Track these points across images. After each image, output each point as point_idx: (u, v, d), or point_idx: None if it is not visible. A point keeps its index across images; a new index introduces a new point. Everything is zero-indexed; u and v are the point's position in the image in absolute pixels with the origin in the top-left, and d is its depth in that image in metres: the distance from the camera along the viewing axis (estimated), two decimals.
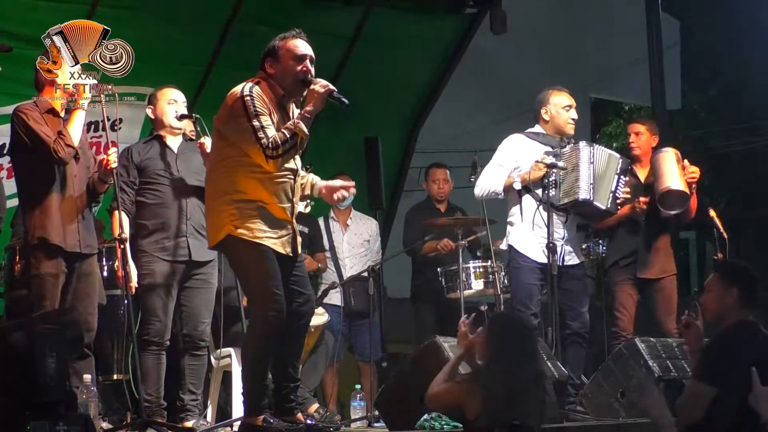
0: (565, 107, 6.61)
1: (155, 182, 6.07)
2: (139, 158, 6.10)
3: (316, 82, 5.20)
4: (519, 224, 6.56)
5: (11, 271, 6.59)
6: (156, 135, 6.21)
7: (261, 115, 5.11)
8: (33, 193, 5.74)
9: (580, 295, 6.61)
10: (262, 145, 5.07)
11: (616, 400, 6.06)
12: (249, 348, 5.32)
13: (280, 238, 5.24)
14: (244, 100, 5.11)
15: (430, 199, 8.54)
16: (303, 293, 5.36)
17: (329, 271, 8.21)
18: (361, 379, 7.94)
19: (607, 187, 6.52)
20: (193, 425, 5.96)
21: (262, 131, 5.08)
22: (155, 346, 6.00)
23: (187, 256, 6.02)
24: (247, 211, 5.17)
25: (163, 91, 6.23)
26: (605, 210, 6.58)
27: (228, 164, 5.22)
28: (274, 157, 5.10)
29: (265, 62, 5.27)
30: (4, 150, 7.54)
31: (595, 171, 6.47)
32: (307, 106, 5.17)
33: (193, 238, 6.03)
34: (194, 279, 6.08)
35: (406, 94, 9.87)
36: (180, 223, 6.03)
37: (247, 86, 5.18)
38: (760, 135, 16.86)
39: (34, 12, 7.46)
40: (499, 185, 6.57)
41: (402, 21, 9.44)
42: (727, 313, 4.82)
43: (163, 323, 6.00)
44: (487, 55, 10.56)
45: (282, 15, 8.20)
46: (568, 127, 6.61)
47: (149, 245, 6.02)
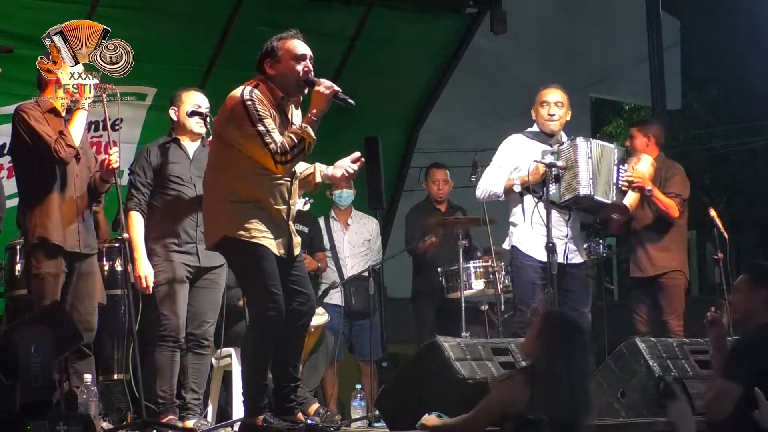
0: (542, 103, 6.61)
1: (168, 187, 6.06)
2: (157, 161, 6.08)
3: (320, 83, 5.17)
4: (521, 224, 6.55)
5: (11, 271, 6.59)
6: (174, 138, 6.18)
7: (264, 119, 5.09)
8: (33, 192, 5.74)
9: (582, 295, 6.60)
10: (270, 151, 5.05)
11: (616, 400, 6.05)
12: (248, 348, 5.32)
13: (276, 239, 5.23)
14: (246, 105, 5.09)
15: (430, 200, 8.54)
16: (303, 293, 5.35)
17: (330, 271, 8.20)
18: (362, 379, 7.93)
19: (607, 180, 6.50)
20: (194, 425, 5.96)
21: (268, 136, 5.06)
22: (171, 342, 6.00)
23: (197, 263, 6.04)
24: (244, 212, 5.16)
25: (189, 94, 6.18)
26: (609, 203, 6.56)
27: (226, 166, 5.21)
28: (284, 163, 5.09)
29: (264, 63, 5.24)
30: (5, 150, 7.54)
31: (594, 165, 6.46)
32: (313, 108, 5.15)
33: (203, 245, 6.03)
34: (203, 280, 6.09)
35: (406, 94, 9.87)
36: (190, 229, 6.03)
37: (246, 90, 5.15)
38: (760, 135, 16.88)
39: (34, 12, 7.45)
40: (499, 187, 6.57)
41: (402, 21, 9.44)
42: (756, 314, 4.81)
43: (177, 320, 6.00)
44: (487, 55, 10.55)
45: (282, 15, 8.20)
46: (547, 123, 6.58)
47: (160, 248, 6.01)
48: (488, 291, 7.75)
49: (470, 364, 5.44)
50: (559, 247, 6.40)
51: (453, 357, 5.44)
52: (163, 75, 8.16)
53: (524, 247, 6.50)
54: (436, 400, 5.31)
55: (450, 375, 5.33)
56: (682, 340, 6.25)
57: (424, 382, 5.49)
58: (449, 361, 5.42)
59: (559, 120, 6.59)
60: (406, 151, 10.08)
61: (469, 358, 5.50)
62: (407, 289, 8.64)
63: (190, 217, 6.03)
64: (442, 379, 5.29)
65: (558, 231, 6.45)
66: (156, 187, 6.06)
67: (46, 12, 7.34)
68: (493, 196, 6.63)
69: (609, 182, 6.50)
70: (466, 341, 5.77)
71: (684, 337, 6.42)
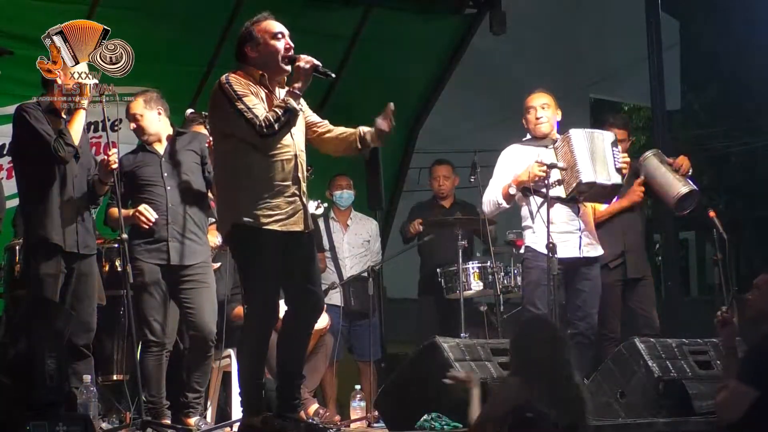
0: (528, 109, 6.63)
1: (139, 190, 6.08)
2: (129, 167, 6.11)
3: (300, 58, 5.21)
4: (532, 225, 6.55)
5: (11, 271, 6.59)
6: (141, 145, 6.23)
7: (244, 97, 5.11)
8: (33, 192, 5.74)
9: (591, 296, 6.57)
10: (253, 125, 5.06)
11: (615, 401, 6.05)
12: (244, 347, 5.32)
13: (288, 217, 5.19)
14: (223, 88, 5.13)
15: (435, 197, 8.56)
16: (313, 291, 5.35)
17: (329, 271, 8.21)
18: (361, 379, 7.94)
19: (606, 162, 6.50)
20: (195, 423, 5.97)
21: (249, 112, 5.08)
22: (156, 346, 6.01)
23: (166, 261, 6.03)
24: (250, 198, 5.14)
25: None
26: (612, 185, 6.55)
27: (227, 157, 5.22)
28: (268, 135, 5.09)
29: (245, 48, 5.27)
30: (4, 150, 7.54)
31: (592, 152, 6.46)
32: (295, 83, 5.19)
33: (175, 242, 6.04)
34: (186, 281, 6.06)
35: (406, 94, 9.86)
36: (161, 228, 6.03)
37: (223, 78, 5.20)
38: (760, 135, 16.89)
39: (34, 12, 7.46)
40: (499, 195, 6.57)
41: (402, 21, 9.44)
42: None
43: (159, 323, 6.01)
44: (486, 55, 10.54)
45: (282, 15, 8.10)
46: (536, 128, 6.60)
47: (135, 247, 6.02)
48: (488, 291, 7.75)
49: (469, 364, 5.45)
50: (573, 242, 6.43)
51: (452, 357, 5.45)
52: (163, 75, 8.15)
53: (538, 246, 6.48)
54: (435, 400, 5.31)
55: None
56: (681, 340, 6.26)
57: (424, 382, 5.49)
58: (448, 361, 5.42)
59: (548, 121, 6.60)
60: (406, 151, 10.09)
61: (468, 359, 5.51)
62: (406, 290, 8.66)
63: (160, 216, 6.04)
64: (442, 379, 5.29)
65: (570, 225, 6.46)
66: (129, 192, 6.06)
67: (46, 12, 7.35)
68: (497, 206, 6.63)
69: (608, 165, 6.51)
70: (466, 342, 5.78)
71: (683, 338, 6.43)
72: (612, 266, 7.05)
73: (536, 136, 6.61)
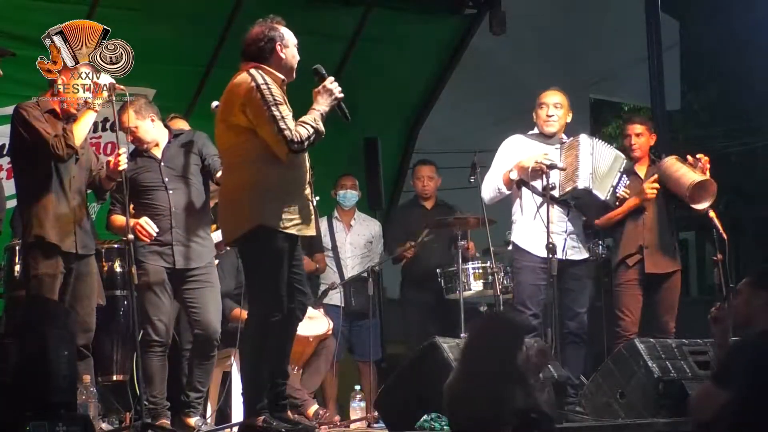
0: (540, 105, 6.63)
1: (141, 195, 6.08)
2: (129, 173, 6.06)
3: (332, 81, 5.22)
4: (520, 220, 6.57)
5: (10, 272, 6.58)
6: (136, 149, 6.22)
7: (280, 104, 5.07)
8: (31, 192, 5.73)
9: (579, 295, 6.61)
10: (285, 138, 5.02)
11: (615, 401, 6.06)
12: (249, 350, 5.30)
13: (304, 221, 5.20)
14: (261, 89, 5.05)
15: (417, 197, 8.52)
16: (304, 292, 5.38)
17: (330, 271, 8.20)
18: (361, 379, 7.94)
19: (609, 182, 6.53)
20: (195, 422, 5.97)
21: (283, 122, 5.04)
22: (158, 346, 6.02)
23: (172, 265, 6.05)
24: (277, 201, 5.11)
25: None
26: (604, 201, 6.58)
27: (245, 155, 5.15)
28: (297, 151, 5.08)
29: (275, 46, 5.19)
30: (4, 150, 7.54)
31: (596, 163, 6.47)
32: (321, 105, 5.16)
33: (179, 245, 6.04)
34: (190, 281, 6.08)
35: (406, 94, 9.87)
36: (165, 232, 6.04)
37: (257, 74, 5.10)
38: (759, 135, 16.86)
39: (34, 12, 7.45)
40: (500, 180, 6.58)
41: (402, 21, 9.45)
42: (755, 318, 4.73)
43: (163, 323, 6.02)
44: (486, 55, 10.54)
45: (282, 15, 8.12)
46: (545, 125, 6.61)
47: (140, 249, 6.02)
48: (487, 292, 7.74)
49: None
50: (558, 243, 6.41)
51: (452, 357, 5.46)
52: (163, 75, 8.16)
53: (524, 243, 6.51)
54: (435, 400, 5.31)
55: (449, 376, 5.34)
56: (681, 341, 6.26)
57: (424, 382, 5.50)
58: (448, 361, 5.43)
59: (558, 121, 6.60)
60: (406, 151, 10.08)
61: None
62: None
63: (163, 220, 6.04)
64: (442, 379, 5.28)
65: (557, 226, 6.47)
66: (130, 198, 6.00)
67: (46, 12, 7.34)
68: (497, 193, 6.62)
69: (610, 184, 6.52)
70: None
71: (683, 338, 6.43)
72: (630, 263, 7.00)
73: (543, 133, 6.62)
